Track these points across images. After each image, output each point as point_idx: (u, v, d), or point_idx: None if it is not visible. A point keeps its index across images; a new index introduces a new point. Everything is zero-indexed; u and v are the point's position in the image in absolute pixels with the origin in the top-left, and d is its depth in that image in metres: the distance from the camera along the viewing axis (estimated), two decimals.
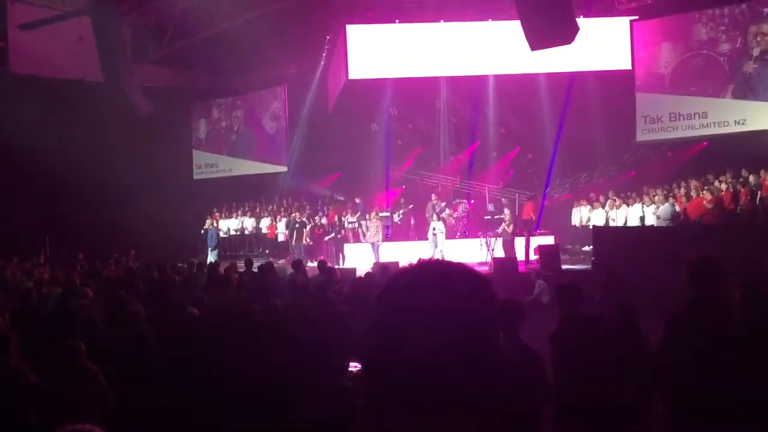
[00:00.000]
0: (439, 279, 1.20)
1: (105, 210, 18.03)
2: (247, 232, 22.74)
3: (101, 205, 18.04)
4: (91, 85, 18.03)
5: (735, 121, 17.66)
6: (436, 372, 1.12)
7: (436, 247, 16.95)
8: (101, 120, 18.57)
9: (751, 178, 16.02)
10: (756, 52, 17.49)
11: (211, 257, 17.77)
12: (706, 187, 16.58)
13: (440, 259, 1.30)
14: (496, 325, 1.25)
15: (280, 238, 21.07)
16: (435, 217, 17.67)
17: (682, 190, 17.13)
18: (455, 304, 1.17)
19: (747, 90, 17.65)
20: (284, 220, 21.21)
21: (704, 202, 15.99)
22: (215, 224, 22.10)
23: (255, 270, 11.70)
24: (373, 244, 17.54)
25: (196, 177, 25.48)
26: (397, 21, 18.51)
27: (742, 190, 15.88)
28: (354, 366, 5.23)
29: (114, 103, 17.97)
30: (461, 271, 1.23)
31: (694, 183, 17.04)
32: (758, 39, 17.45)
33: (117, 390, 4.98)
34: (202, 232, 18.71)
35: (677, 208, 16.41)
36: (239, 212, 23.29)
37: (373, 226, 17.68)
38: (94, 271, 12.51)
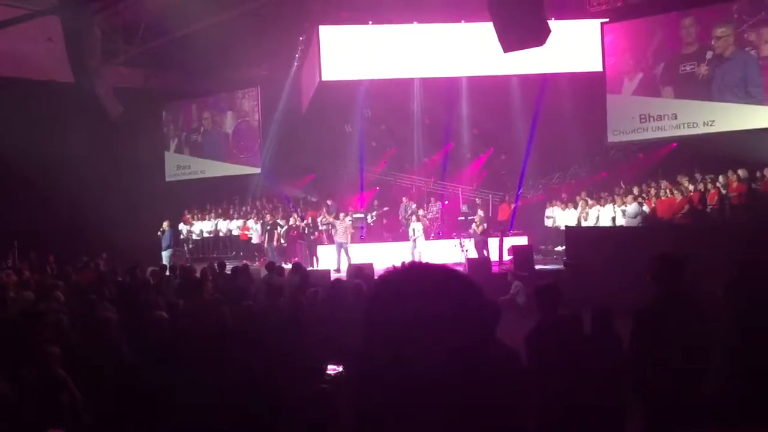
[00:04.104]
0: (431, 282, 1.20)
1: (75, 213, 17.77)
2: (221, 234, 22.56)
3: (71, 208, 17.78)
4: (61, 86, 17.75)
5: (704, 123, 17.93)
6: (432, 377, 1.11)
7: (415, 248, 17.01)
8: (71, 121, 18.27)
9: (720, 179, 16.29)
10: (709, 55, 17.82)
11: (165, 258, 17.60)
12: (674, 188, 16.83)
13: (425, 262, 1.28)
14: (488, 326, 1.24)
15: (254, 239, 20.96)
16: (414, 218, 17.70)
17: (653, 191, 17.36)
18: (449, 307, 1.16)
19: (706, 92, 17.97)
20: (259, 222, 21.12)
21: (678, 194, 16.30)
22: (188, 224, 22.05)
23: (228, 273, 11.66)
24: (340, 245, 17.48)
25: (168, 179, 25.20)
26: (370, 22, 18.52)
27: (712, 190, 16.14)
28: (332, 369, 5.21)
29: (84, 105, 17.71)
30: (450, 274, 1.23)
31: (664, 183, 17.28)
32: (713, 42, 17.77)
33: (88, 397, 4.90)
34: (159, 233, 18.53)
35: (645, 208, 16.61)
36: (212, 214, 23.11)
37: (341, 228, 17.59)
38: (65, 274, 12.32)
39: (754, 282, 4.74)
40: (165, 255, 18.01)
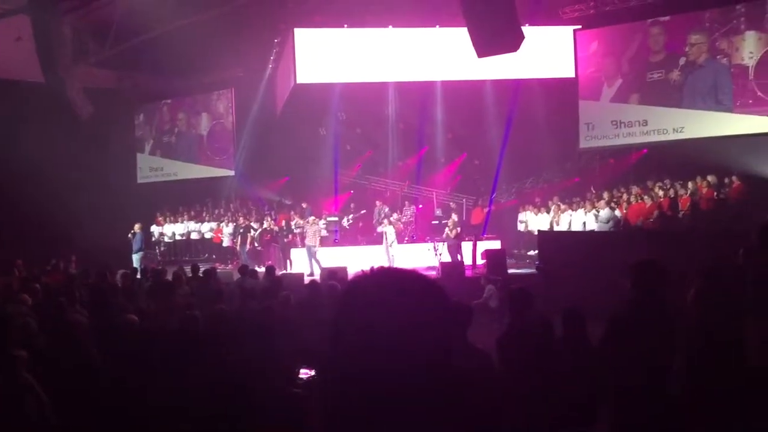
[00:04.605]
0: (399, 287, 1.20)
1: (44, 215, 17.47)
2: (193, 237, 22.36)
3: (40, 210, 17.47)
4: (30, 86, 17.49)
5: (674, 129, 18.17)
6: (401, 381, 1.11)
7: (387, 251, 17.01)
8: (41, 122, 18.01)
9: (690, 185, 16.56)
10: (682, 61, 18.09)
11: (135, 261, 17.42)
12: (645, 194, 17.05)
13: (395, 266, 1.29)
14: (450, 332, 1.25)
15: (225, 242, 20.83)
16: (386, 222, 17.69)
17: (624, 196, 17.58)
18: (416, 311, 1.17)
19: (675, 98, 18.21)
20: (231, 225, 20.99)
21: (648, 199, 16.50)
22: (160, 226, 21.87)
23: (201, 275, 11.58)
24: (309, 248, 17.42)
25: (140, 181, 24.91)
26: (345, 25, 18.53)
27: (684, 196, 16.38)
28: (305, 373, 5.19)
29: (54, 105, 17.47)
30: (418, 279, 1.24)
31: (635, 189, 17.50)
32: (687, 49, 18.04)
33: (55, 401, 4.82)
34: (130, 236, 18.31)
35: (618, 213, 16.79)
36: (185, 217, 22.89)
37: (311, 231, 17.54)
38: (33, 277, 12.11)
39: (720, 288, 4.82)
40: (136, 258, 17.83)
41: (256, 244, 19.07)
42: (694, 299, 4.32)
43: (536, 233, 16.85)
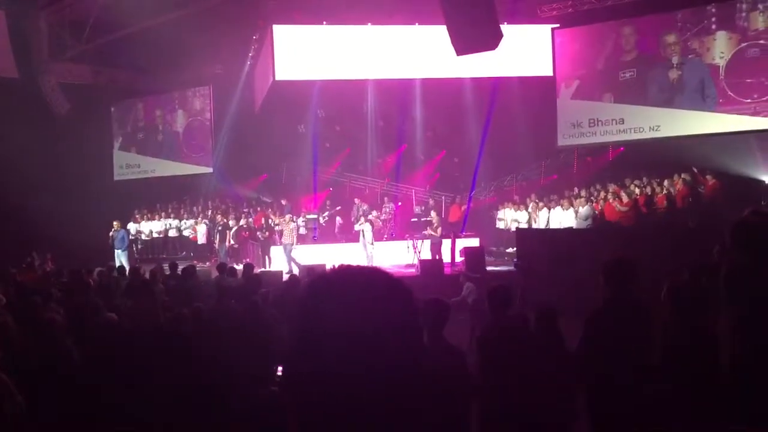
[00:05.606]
0: (359, 285, 1.19)
1: (20, 212, 17.25)
2: (171, 235, 22.18)
3: (16, 207, 17.24)
4: (5, 81, 17.24)
5: (650, 128, 18.32)
6: (361, 380, 1.10)
7: (365, 249, 17.01)
8: (16, 118, 17.76)
9: (666, 182, 16.74)
10: (675, 60, 18.20)
11: (122, 260, 17.22)
12: (622, 191, 17.21)
13: (357, 265, 1.27)
14: (416, 331, 1.23)
15: (200, 240, 20.71)
16: (362, 219, 17.69)
17: (602, 194, 17.73)
18: (377, 309, 1.15)
19: (643, 97, 18.36)
20: (204, 222, 20.86)
21: (618, 205, 16.57)
22: (137, 224, 21.65)
23: (179, 273, 11.51)
24: (285, 246, 17.40)
25: (117, 178, 24.67)
26: (324, 23, 18.47)
27: (660, 195, 16.55)
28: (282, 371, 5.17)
29: (29, 101, 17.25)
30: (380, 276, 1.22)
31: (612, 187, 17.65)
32: (672, 48, 18.17)
33: (31, 403, 4.77)
34: (111, 234, 18.02)
35: (596, 211, 16.93)
36: (163, 214, 22.71)
37: (287, 229, 17.53)
38: (8, 275, 11.95)
39: (696, 285, 4.89)
40: (123, 255, 17.57)
41: (232, 242, 18.97)
42: (667, 296, 4.37)
43: (515, 230, 16.93)
